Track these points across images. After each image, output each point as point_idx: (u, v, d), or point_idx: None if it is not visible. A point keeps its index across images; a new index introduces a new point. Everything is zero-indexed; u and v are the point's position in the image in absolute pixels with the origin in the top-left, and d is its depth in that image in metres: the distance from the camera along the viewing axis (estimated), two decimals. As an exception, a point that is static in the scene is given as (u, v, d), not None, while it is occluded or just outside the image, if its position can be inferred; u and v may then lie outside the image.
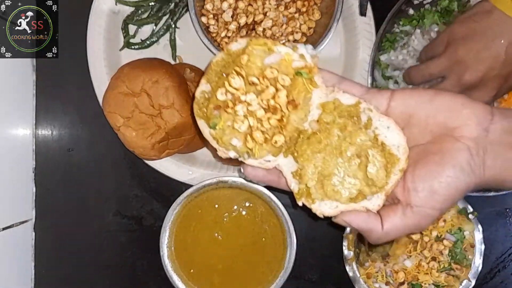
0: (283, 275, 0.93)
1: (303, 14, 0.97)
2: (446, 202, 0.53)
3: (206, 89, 0.58)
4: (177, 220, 0.94)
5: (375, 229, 0.55)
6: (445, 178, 0.53)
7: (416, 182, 0.54)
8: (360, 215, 0.56)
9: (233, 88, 0.56)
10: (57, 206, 1.01)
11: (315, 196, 0.57)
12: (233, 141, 0.57)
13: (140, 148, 0.89)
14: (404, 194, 0.55)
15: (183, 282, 0.94)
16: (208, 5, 0.95)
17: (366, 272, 0.94)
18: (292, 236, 0.92)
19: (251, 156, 0.57)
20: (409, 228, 0.55)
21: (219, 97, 0.56)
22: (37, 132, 1.01)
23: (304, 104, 0.56)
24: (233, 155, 0.58)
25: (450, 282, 0.93)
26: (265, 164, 0.58)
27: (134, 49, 0.99)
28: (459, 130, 0.53)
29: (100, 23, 0.96)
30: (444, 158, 0.53)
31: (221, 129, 0.57)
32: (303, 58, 0.56)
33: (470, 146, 0.53)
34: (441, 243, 0.93)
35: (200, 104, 0.58)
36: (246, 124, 0.56)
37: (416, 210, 0.54)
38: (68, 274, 1.01)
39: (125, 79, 0.88)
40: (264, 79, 0.56)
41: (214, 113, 0.57)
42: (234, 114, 0.56)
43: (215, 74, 0.58)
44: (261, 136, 0.56)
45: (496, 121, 0.54)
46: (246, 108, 0.56)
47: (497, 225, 1.00)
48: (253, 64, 0.56)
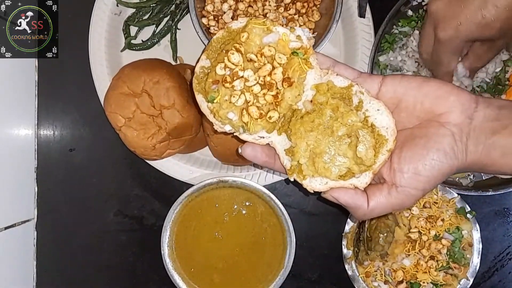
0: (283, 274, 0.93)
1: (303, 15, 0.97)
2: (429, 183, 0.57)
3: (206, 64, 0.60)
4: (177, 220, 0.94)
5: (361, 206, 0.59)
6: (429, 161, 0.56)
7: (401, 163, 0.57)
8: (348, 191, 0.59)
9: (232, 63, 0.58)
10: (59, 205, 1.01)
11: (306, 172, 0.60)
12: (229, 115, 0.59)
13: (141, 148, 0.90)
14: (390, 175, 0.58)
15: (184, 281, 0.94)
16: (208, 7, 0.95)
17: (365, 271, 0.95)
18: (291, 236, 0.93)
19: (246, 131, 0.60)
20: (393, 206, 0.59)
21: (218, 71, 0.59)
22: (39, 132, 1.01)
23: (298, 83, 0.59)
24: (228, 129, 0.60)
25: (449, 281, 0.93)
26: (259, 140, 0.61)
27: (135, 50, 0.99)
28: (445, 116, 0.57)
29: (101, 25, 0.96)
30: (429, 142, 0.57)
31: (218, 103, 0.59)
32: (299, 39, 0.59)
33: (454, 132, 0.56)
34: (439, 242, 0.93)
35: (199, 79, 0.60)
36: (242, 98, 0.59)
37: (401, 189, 0.57)
38: (69, 272, 1.02)
39: (126, 80, 0.89)
40: (262, 56, 0.59)
41: (212, 88, 0.59)
42: (232, 89, 0.59)
43: (215, 50, 0.60)
44: (256, 111, 0.59)
45: (480, 109, 0.57)
46: (244, 84, 0.59)
47: (495, 224, 1.00)
48: (252, 41, 0.59)
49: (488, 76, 0.96)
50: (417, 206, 0.94)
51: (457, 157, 0.56)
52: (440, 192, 0.95)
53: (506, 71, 0.96)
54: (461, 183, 0.96)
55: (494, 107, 0.57)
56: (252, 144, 0.61)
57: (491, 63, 0.95)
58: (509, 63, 0.96)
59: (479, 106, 0.57)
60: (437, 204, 0.95)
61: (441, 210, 0.94)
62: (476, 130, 0.56)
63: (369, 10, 0.96)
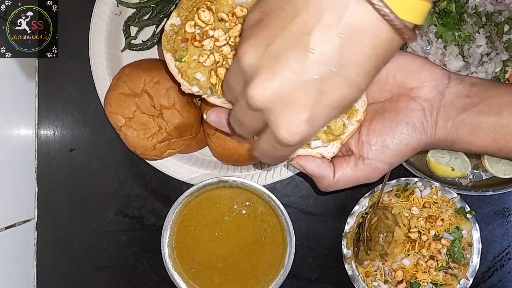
0: (283, 274, 0.94)
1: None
2: (396, 157, 0.56)
3: (176, 22, 0.59)
4: (178, 220, 0.95)
5: (326, 176, 0.58)
6: (398, 135, 0.56)
7: (370, 136, 0.57)
8: (315, 160, 0.58)
9: (202, 21, 0.57)
10: (59, 205, 1.01)
11: None
12: (197, 75, 0.58)
13: (141, 148, 0.90)
14: (358, 147, 0.58)
15: (184, 281, 0.94)
16: (208, 6, 0.95)
17: (365, 270, 0.95)
18: (291, 235, 0.93)
19: (214, 93, 0.58)
20: (359, 179, 0.58)
21: (187, 29, 0.57)
22: (39, 132, 1.01)
23: None
24: (196, 90, 0.59)
25: (448, 280, 0.94)
26: (226, 104, 0.59)
27: (135, 50, 0.99)
28: (416, 90, 0.56)
29: (101, 25, 0.96)
30: (399, 115, 0.56)
31: (187, 62, 0.58)
32: None
33: (425, 106, 0.56)
34: (439, 242, 0.94)
35: (169, 37, 0.59)
36: (211, 59, 0.57)
37: (368, 162, 0.57)
38: (70, 273, 1.02)
39: (126, 80, 0.89)
40: (233, 16, 0.57)
41: (181, 46, 0.58)
42: (201, 48, 0.57)
43: (186, 8, 0.59)
44: (225, 72, 0.57)
45: (451, 85, 0.56)
46: (213, 44, 0.57)
47: (494, 224, 1.00)
48: (224, 1, 0.57)
49: (488, 76, 0.96)
50: (417, 206, 0.95)
51: (426, 132, 0.56)
52: (440, 192, 0.95)
53: (505, 71, 0.97)
54: (461, 183, 0.97)
55: (466, 84, 0.57)
56: (217, 109, 0.59)
57: (490, 63, 0.96)
58: (509, 63, 0.96)
59: (451, 82, 0.56)
60: (436, 204, 0.95)
61: (441, 210, 0.94)
62: (446, 106, 0.56)
63: (369, 10, 0.96)
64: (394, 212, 0.94)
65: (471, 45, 0.94)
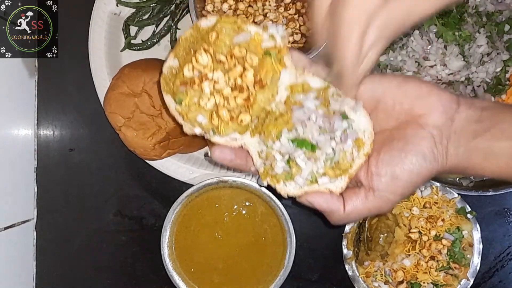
0: (283, 275, 0.93)
1: (303, 15, 0.97)
2: (408, 187, 0.55)
3: (174, 64, 0.57)
4: (177, 220, 0.94)
5: (336, 210, 0.57)
6: (407, 165, 0.54)
7: (379, 167, 0.55)
8: (323, 195, 0.57)
9: (200, 65, 0.55)
10: (58, 205, 1.01)
11: (280, 176, 0.57)
12: (198, 118, 0.57)
13: (141, 148, 0.90)
14: (367, 178, 0.56)
15: (184, 281, 0.94)
16: (208, 7, 0.95)
17: (366, 271, 0.95)
18: (291, 236, 0.92)
19: (217, 133, 0.57)
20: (370, 211, 0.56)
21: (185, 73, 0.56)
22: (38, 132, 1.01)
23: (272, 84, 0.56)
24: (198, 131, 0.58)
25: (449, 281, 0.93)
26: (231, 142, 0.58)
27: (135, 50, 0.99)
28: (424, 117, 0.55)
29: (101, 24, 0.96)
30: (408, 144, 0.54)
31: (187, 106, 0.56)
32: (273, 38, 0.56)
33: (434, 134, 0.54)
34: (439, 242, 0.93)
35: (167, 79, 0.58)
36: (212, 101, 0.56)
37: (378, 194, 0.55)
38: (69, 273, 1.02)
39: (126, 80, 0.89)
40: (232, 57, 0.56)
41: (180, 89, 0.56)
42: (200, 91, 0.56)
43: (183, 49, 0.57)
44: (227, 114, 0.56)
45: (461, 110, 0.55)
46: (213, 86, 0.56)
47: (495, 224, 1.00)
48: (221, 42, 0.56)
49: (488, 76, 0.96)
50: (418, 206, 0.94)
51: (436, 160, 0.54)
52: (441, 192, 0.95)
53: (506, 71, 0.97)
54: (461, 183, 0.96)
55: (476, 108, 0.55)
56: (221, 146, 0.58)
57: (491, 63, 0.95)
58: (509, 63, 0.96)
59: (460, 107, 0.55)
60: (437, 204, 0.95)
61: (442, 210, 0.94)
62: (457, 132, 0.54)
63: (369, 10, 0.96)
64: (394, 213, 0.94)
65: (471, 45, 0.94)
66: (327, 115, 0.55)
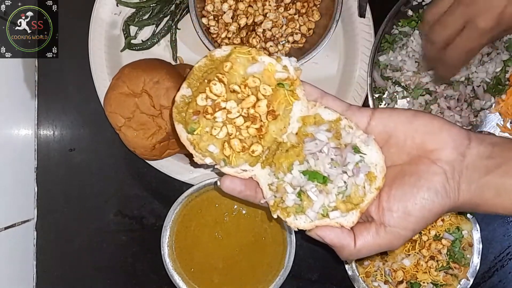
0: (283, 274, 0.93)
1: (303, 15, 0.97)
2: (419, 223, 0.55)
3: (187, 93, 0.58)
4: (177, 220, 0.94)
5: (347, 245, 0.56)
6: (419, 200, 0.54)
7: (391, 202, 0.55)
8: (334, 230, 0.56)
9: (214, 94, 0.56)
10: (59, 205, 1.01)
11: (291, 209, 0.57)
12: (210, 148, 0.56)
13: (141, 148, 0.90)
14: (378, 213, 0.56)
15: (184, 281, 0.94)
16: (208, 7, 0.95)
17: (365, 271, 0.95)
18: (291, 236, 0.92)
19: (228, 164, 0.57)
20: (381, 247, 0.56)
21: (199, 102, 0.56)
22: (39, 132, 1.01)
23: (284, 115, 0.57)
24: (209, 161, 0.57)
25: (449, 281, 0.93)
26: (241, 174, 0.58)
27: (135, 50, 0.99)
28: (436, 153, 0.55)
29: (101, 24, 0.96)
30: (420, 180, 0.54)
31: (199, 135, 0.56)
32: (286, 69, 0.57)
33: (446, 169, 0.54)
34: (439, 242, 0.93)
35: (180, 108, 0.58)
36: (224, 131, 0.56)
37: (389, 229, 0.55)
38: (69, 273, 1.02)
39: (126, 80, 0.89)
40: (245, 87, 0.56)
41: (193, 118, 0.56)
42: (213, 121, 0.56)
43: (197, 79, 0.57)
44: (239, 144, 0.56)
45: (472, 146, 0.55)
46: (226, 116, 0.56)
47: (495, 224, 1.00)
48: (235, 72, 0.56)
49: (488, 76, 0.96)
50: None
51: (449, 196, 0.54)
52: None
53: (506, 71, 0.97)
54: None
55: (487, 144, 0.55)
56: (231, 177, 0.58)
57: (491, 63, 0.96)
58: (509, 63, 0.96)
59: (472, 143, 0.55)
60: (437, 204, 0.94)
61: (441, 210, 0.94)
62: (469, 168, 0.54)
63: (369, 10, 0.96)
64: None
65: (471, 45, 0.94)
66: (338, 148, 0.56)
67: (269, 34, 0.96)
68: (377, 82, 0.97)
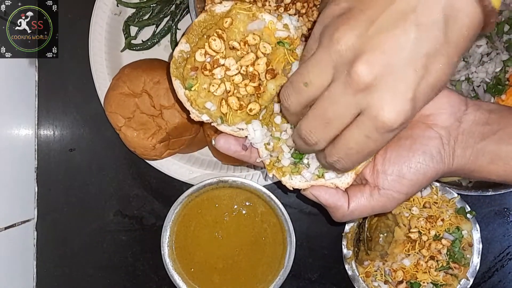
0: (283, 274, 0.93)
1: (303, 15, 0.97)
2: (413, 187, 0.55)
3: (185, 48, 0.57)
4: (177, 220, 0.94)
5: (341, 206, 0.57)
6: (414, 164, 0.54)
7: (385, 165, 0.55)
8: (329, 190, 0.57)
9: (213, 50, 0.55)
10: (59, 205, 1.01)
11: (286, 169, 0.57)
12: (207, 104, 0.56)
13: (141, 148, 0.90)
14: (373, 176, 0.56)
15: (184, 281, 0.94)
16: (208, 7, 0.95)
17: (365, 271, 0.95)
18: (291, 236, 0.93)
19: (224, 122, 0.57)
20: (374, 209, 0.57)
21: (197, 58, 0.55)
22: (39, 132, 1.01)
23: (283, 75, 0.56)
24: (205, 118, 0.57)
25: (449, 281, 0.93)
26: (238, 132, 0.57)
27: (135, 50, 0.99)
28: (433, 117, 0.55)
29: (101, 24, 0.96)
30: (415, 144, 0.54)
31: (196, 91, 0.56)
32: (287, 28, 0.56)
33: (442, 134, 0.54)
34: (439, 242, 0.93)
35: (177, 64, 0.57)
36: (222, 88, 0.56)
37: (383, 192, 0.55)
38: (69, 273, 1.02)
39: (126, 80, 0.89)
40: (245, 44, 0.55)
41: (191, 74, 0.56)
42: (211, 77, 0.56)
43: (196, 34, 0.57)
44: (236, 102, 0.56)
45: (469, 112, 0.55)
46: (224, 72, 0.55)
47: (495, 224, 1.00)
48: (235, 28, 0.56)
49: (488, 76, 0.96)
50: (417, 206, 0.94)
51: (443, 161, 0.54)
52: (440, 192, 0.95)
53: (506, 71, 0.97)
54: (461, 183, 0.96)
55: (484, 110, 0.55)
56: (226, 136, 0.58)
57: (491, 63, 0.96)
58: (509, 63, 0.96)
59: (468, 109, 0.55)
60: (437, 204, 0.95)
61: (441, 210, 0.94)
62: (464, 133, 0.54)
63: (369, 10, 0.96)
64: (394, 212, 0.94)
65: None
66: None
67: (269, 34, 0.96)
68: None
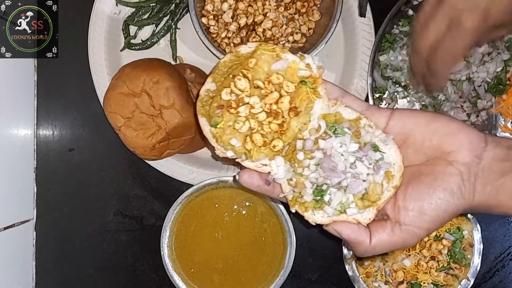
0: (283, 274, 0.93)
1: (303, 15, 0.97)
2: (434, 223, 0.56)
3: (211, 87, 0.59)
4: (177, 220, 0.94)
5: (363, 241, 0.57)
6: (435, 200, 0.55)
7: (407, 201, 0.56)
8: (351, 226, 0.57)
9: (239, 89, 0.57)
10: (58, 205, 1.01)
11: (309, 205, 0.58)
12: (232, 141, 0.58)
13: (141, 148, 0.90)
14: (394, 212, 0.57)
15: (184, 281, 0.94)
16: (208, 6, 0.95)
17: (366, 271, 0.95)
18: (292, 236, 0.92)
19: (249, 158, 0.58)
20: (395, 244, 0.57)
21: (223, 96, 0.57)
22: (38, 132, 1.01)
23: (305, 113, 0.58)
24: (230, 155, 0.59)
25: (449, 281, 0.93)
26: (261, 168, 0.59)
27: (134, 49, 0.99)
28: (453, 154, 0.56)
29: (101, 24, 0.96)
30: (436, 180, 0.55)
31: (222, 128, 0.58)
32: (309, 67, 0.58)
33: (462, 171, 0.55)
34: (440, 242, 0.93)
35: (204, 102, 0.59)
36: (247, 125, 0.57)
37: (404, 228, 0.56)
38: (69, 273, 1.02)
39: (125, 80, 0.89)
40: (269, 84, 0.57)
41: (217, 112, 0.58)
42: (236, 115, 0.57)
43: (222, 74, 0.59)
44: (260, 139, 0.57)
45: (489, 148, 0.56)
46: (249, 110, 0.57)
47: (495, 224, 1.00)
48: (260, 68, 0.58)
49: (489, 76, 0.96)
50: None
51: (464, 197, 0.55)
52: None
53: (507, 71, 0.96)
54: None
55: (503, 147, 0.56)
56: (250, 171, 0.59)
57: (492, 63, 0.95)
58: (510, 63, 0.96)
59: (488, 146, 0.56)
60: (437, 204, 0.94)
61: (442, 210, 0.94)
62: (484, 170, 0.55)
63: (370, 9, 0.96)
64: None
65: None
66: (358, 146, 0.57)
67: (269, 34, 0.96)
68: (378, 82, 0.97)
